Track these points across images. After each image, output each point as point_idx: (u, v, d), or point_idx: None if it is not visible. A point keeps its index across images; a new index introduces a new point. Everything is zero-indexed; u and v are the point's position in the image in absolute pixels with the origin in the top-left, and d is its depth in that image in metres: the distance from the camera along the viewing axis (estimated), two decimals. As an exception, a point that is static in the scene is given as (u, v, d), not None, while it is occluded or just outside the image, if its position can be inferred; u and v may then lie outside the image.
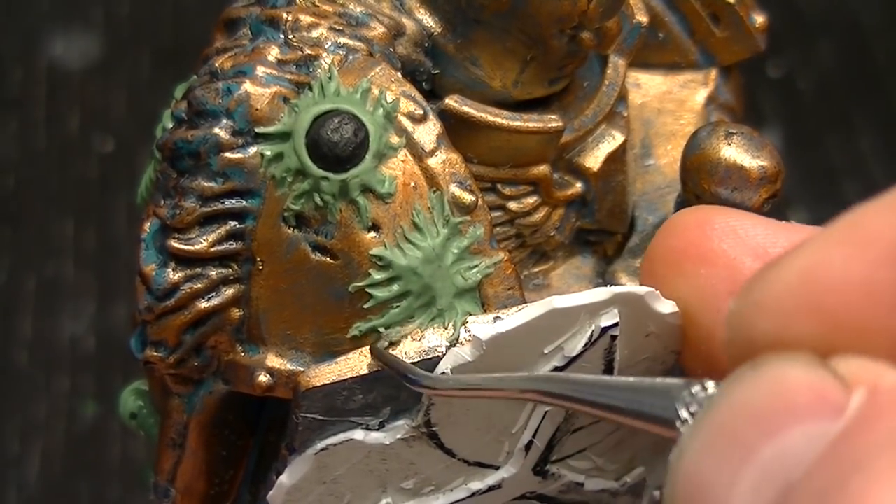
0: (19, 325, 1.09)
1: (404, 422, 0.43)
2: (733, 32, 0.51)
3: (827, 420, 0.29)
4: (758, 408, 0.29)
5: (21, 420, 1.04)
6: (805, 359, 0.30)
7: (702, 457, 0.30)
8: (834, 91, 1.15)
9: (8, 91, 1.22)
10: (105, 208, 1.15)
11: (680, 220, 0.41)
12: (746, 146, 0.46)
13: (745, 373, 0.30)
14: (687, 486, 0.30)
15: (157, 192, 0.43)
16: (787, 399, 0.29)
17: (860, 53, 1.18)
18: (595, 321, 0.42)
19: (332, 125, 0.41)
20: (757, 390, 0.30)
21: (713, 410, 0.31)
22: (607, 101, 0.48)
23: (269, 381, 0.43)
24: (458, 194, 0.42)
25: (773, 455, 0.29)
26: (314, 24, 0.43)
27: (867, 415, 0.28)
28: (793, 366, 0.30)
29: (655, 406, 0.33)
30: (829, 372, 0.29)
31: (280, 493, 0.44)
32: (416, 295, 0.42)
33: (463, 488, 0.45)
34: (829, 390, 0.29)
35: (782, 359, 0.30)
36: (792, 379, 0.30)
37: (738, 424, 0.30)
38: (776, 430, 0.29)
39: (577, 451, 0.46)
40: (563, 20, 0.44)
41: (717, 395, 0.31)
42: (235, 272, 0.42)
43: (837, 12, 1.20)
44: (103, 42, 1.24)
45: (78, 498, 1.02)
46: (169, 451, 0.46)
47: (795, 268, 0.32)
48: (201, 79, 0.43)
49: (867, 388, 0.29)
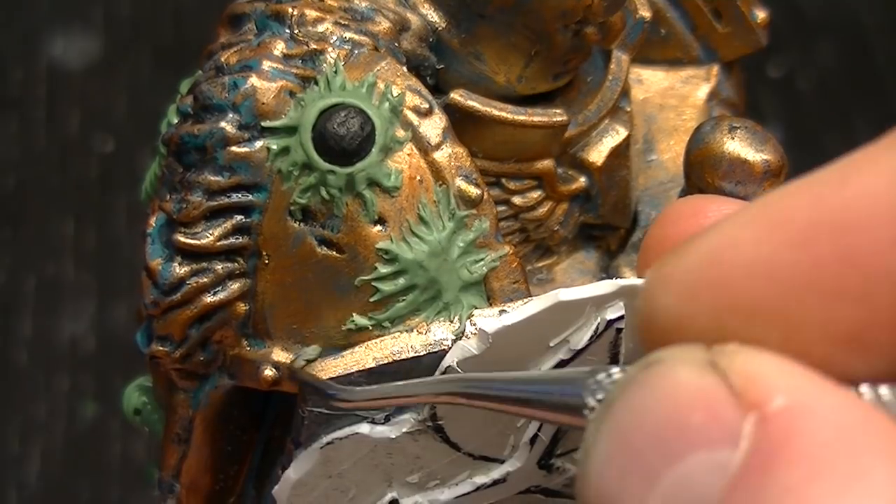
0: (19, 325, 1.09)
1: (410, 415, 0.43)
2: (735, 28, 0.52)
3: (723, 449, 0.28)
4: (655, 423, 0.29)
5: (21, 420, 1.04)
6: (696, 358, 0.30)
7: (607, 469, 0.30)
8: (834, 91, 1.16)
9: (8, 91, 1.22)
10: (105, 208, 1.15)
11: (673, 210, 0.41)
12: (750, 140, 0.46)
13: (640, 372, 0.30)
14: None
15: (163, 186, 0.43)
16: (681, 416, 0.29)
17: (860, 53, 1.18)
18: (600, 314, 0.42)
19: (338, 119, 0.41)
20: (652, 398, 0.29)
21: (612, 413, 0.30)
22: (611, 96, 0.48)
23: (275, 375, 0.43)
24: (463, 188, 0.42)
25: (675, 482, 0.29)
26: (320, 19, 0.43)
27: (760, 455, 0.28)
28: (685, 368, 0.29)
29: (565, 395, 0.33)
30: (720, 379, 0.29)
31: (286, 488, 0.44)
32: (422, 288, 0.42)
33: (468, 482, 0.45)
34: (721, 408, 0.29)
35: (675, 358, 0.30)
36: (685, 388, 0.29)
37: (637, 440, 0.29)
38: (676, 455, 0.29)
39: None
40: (567, 15, 0.44)
41: (616, 395, 0.30)
42: (241, 266, 0.42)
43: (837, 12, 1.20)
44: (103, 42, 1.24)
45: (78, 498, 1.02)
46: (174, 447, 0.46)
47: (706, 244, 0.31)
48: (207, 73, 0.43)
49: (757, 416, 0.29)
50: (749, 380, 0.29)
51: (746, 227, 0.31)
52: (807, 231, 0.30)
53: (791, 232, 0.30)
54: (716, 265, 0.31)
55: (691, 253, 0.32)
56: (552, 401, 0.34)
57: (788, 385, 0.29)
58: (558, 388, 0.34)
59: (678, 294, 0.31)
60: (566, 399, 0.33)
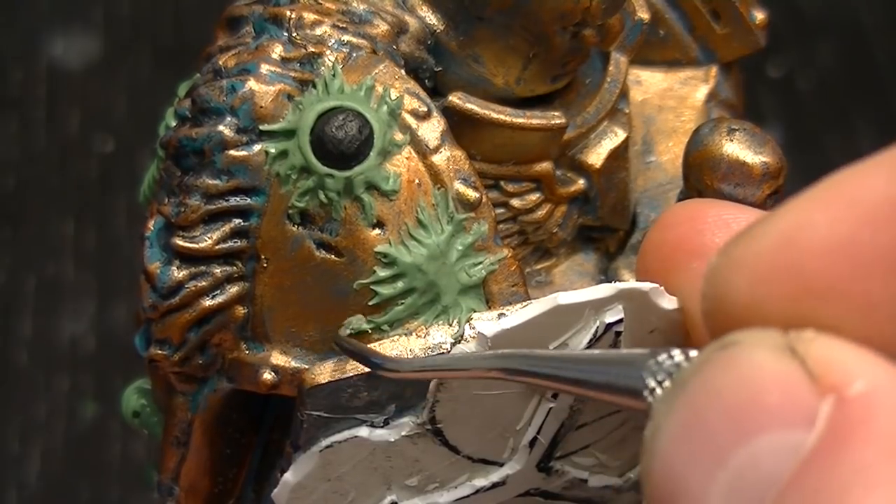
0: (19, 325, 1.09)
1: (409, 419, 0.43)
2: (734, 29, 0.51)
3: (797, 430, 0.28)
4: (729, 403, 0.29)
5: (21, 420, 1.04)
6: (774, 342, 0.30)
7: (676, 447, 0.30)
8: (834, 91, 1.16)
9: (8, 91, 1.22)
10: (105, 208, 1.15)
11: (673, 214, 0.40)
12: (749, 142, 0.46)
13: (715, 353, 0.30)
14: (664, 484, 0.30)
15: (162, 190, 0.43)
16: (757, 397, 0.29)
17: (860, 53, 1.18)
18: (599, 317, 0.42)
19: (336, 122, 0.41)
20: (727, 378, 0.30)
21: (686, 393, 0.30)
22: (609, 98, 0.48)
23: (274, 378, 0.43)
24: (462, 191, 0.42)
25: (746, 462, 0.29)
26: (318, 22, 0.43)
27: (836, 435, 0.28)
28: (762, 351, 0.29)
29: (622, 377, 0.33)
30: (797, 363, 0.29)
31: (284, 491, 0.44)
32: (421, 292, 0.42)
33: (467, 485, 0.45)
34: (799, 390, 0.29)
35: (752, 341, 0.30)
36: (761, 370, 0.29)
37: (710, 419, 0.29)
38: (748, 434, 0.29)
39: (580, 448, 0.46)
40: (565, 17, 0.44)
41: (690, 374, 0.30)
42: (240, 270, 0.42)
43: (837, 12, 1.20)
44: (103, 42, 1.24)
45: (78, 498, 1.02)
46: (173, 450, 0.46)
47: (779, 226, 0.31)
48: (205, 77, 0.43)
49: (835, 398, 0.28)
50: (827, 365, 0.29)
51: (821, 206, 0.30)
52: (885, 208, 0.29)
53: (869, 210, 0.29)
54: (790, 247, 0.30)
55: (763, 235, 0.31)
56: (609, 382, 0.34)
57: (867, 371, 0.29)
58: (616, 370, 0.34)
59: (750, 277, 0.31)
60: (624, 381, 0.33)
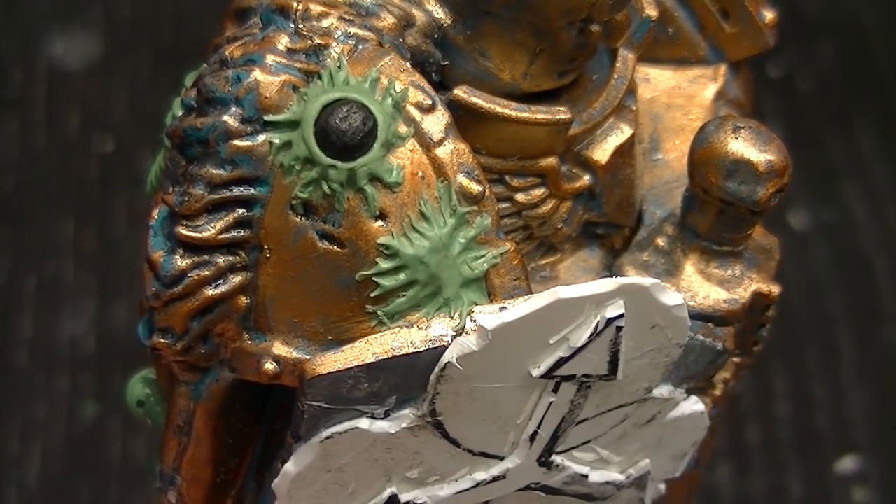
0: (19, 325, 1.09)
1: (409, 411, 0.43)
2: (743, 28, 0.52)
3: None
4: None
5: (21, 420, 1.04)
6: None
7: None
8: (834, 91, 1.15)
9: (8, 91, 1.21)
10: (105, 208, 1.14)
11: None
12: (754, 140, 0.46)
13: None
14: None
15: (167, 179, 0.43)
16: None
17: (860, 53, 1.18)
18: (600, 312, 0.42)
19: (340, 114, 0.41)
20: None
21: None
22: (616, 95, 0.48)
23: (276, 368, 0.43)
24: (465, 184, 0.42)
25: None
26: (324, 14, 0.43)
27: None
28: None
29: None
30: None
31: (285, 482, 0.44)
32: (423, 284, 0.42)
33: (468, 478, 0.45)
34: None
35: None
36: None
37: None
38: None
39: (581, 443, 0.46)
40: (572, 12, 0.44)
41: None
42: (243, 260, 0.42)
43: (837, 12, 1.20)
44: (103, 42, 1.24)
45: (78, 498, 1.01)
46: (174, 439, 0.46)
47: None
48: (211, 67, 0.43)
49: None
50: None
51: None
52: None
53: None
54: None
55: None
56: None
57: None
58: None
59: None
60: None
